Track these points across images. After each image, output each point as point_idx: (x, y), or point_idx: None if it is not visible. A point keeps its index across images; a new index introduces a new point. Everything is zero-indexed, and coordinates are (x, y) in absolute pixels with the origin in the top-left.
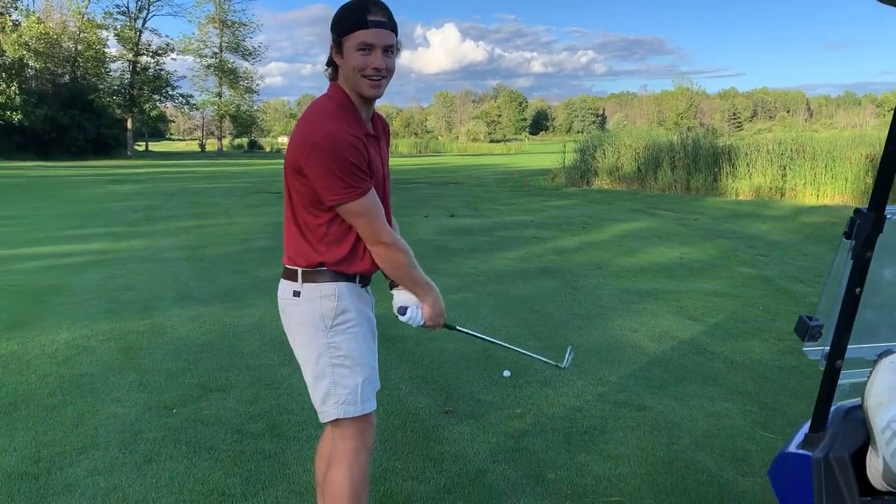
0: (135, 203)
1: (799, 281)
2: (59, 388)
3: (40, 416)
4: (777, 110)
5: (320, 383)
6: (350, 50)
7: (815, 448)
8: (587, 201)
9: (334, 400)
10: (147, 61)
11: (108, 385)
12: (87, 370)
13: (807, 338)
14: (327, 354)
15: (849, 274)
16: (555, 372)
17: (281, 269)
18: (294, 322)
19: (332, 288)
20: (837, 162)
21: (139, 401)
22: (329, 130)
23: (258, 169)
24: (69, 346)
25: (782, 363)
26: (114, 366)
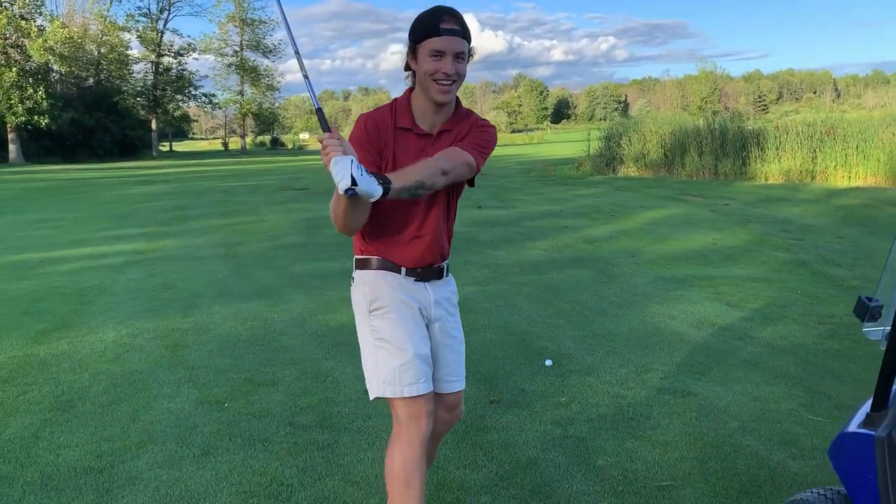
0: (164, 203)
1: (836, 264)
2: (111, 386)
3: (97, 412)
4: (803, 92)
5: (367, 363)
6: (423, 56)
7: (877, 427)
8: (614, 189)
9: (376, 380)
10: (169, 62)
11: (159, 381)
12: (137, 367)
13: (867, 318)
14: (372, 335)
15: None
16: (597, 360)
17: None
18: (352, 304)
19: (371, 275)
20: (869, 143)
21: (191, 396)
22: (362, 114)
23: (282, 166)
24: (117, 345)
25: (824, 347)
26: (162, 363)
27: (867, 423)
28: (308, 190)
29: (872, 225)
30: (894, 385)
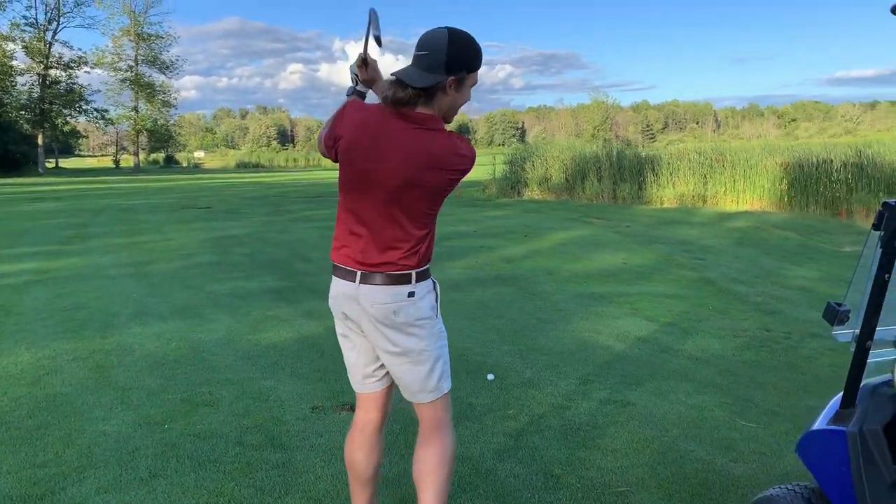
0: (61, 221)
1: (739, 282)
2: (36, 410)
3: (24, 438)
4: (687, 122)
5: (437, 365)
6: (467, 86)
7: (847, 423)
8: (522, 211)
9: (447, 375)
10: (58, 75)
11: (88, 404)
12: (61, 390)
13: (836, 322)
14: (441, 338)
15: (878, 262)
16: (536, 373)
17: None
18: (411, 319)
19: (432, 282)
20: (754, 170)
21: (126, 418)
22: None
23: (180, 185)
24: (35, 367)
25: (743, 358)
26: (88, 385)
27: (837, 419)
28: (210, 209)
29: (764, 246)
30: (862, 383)
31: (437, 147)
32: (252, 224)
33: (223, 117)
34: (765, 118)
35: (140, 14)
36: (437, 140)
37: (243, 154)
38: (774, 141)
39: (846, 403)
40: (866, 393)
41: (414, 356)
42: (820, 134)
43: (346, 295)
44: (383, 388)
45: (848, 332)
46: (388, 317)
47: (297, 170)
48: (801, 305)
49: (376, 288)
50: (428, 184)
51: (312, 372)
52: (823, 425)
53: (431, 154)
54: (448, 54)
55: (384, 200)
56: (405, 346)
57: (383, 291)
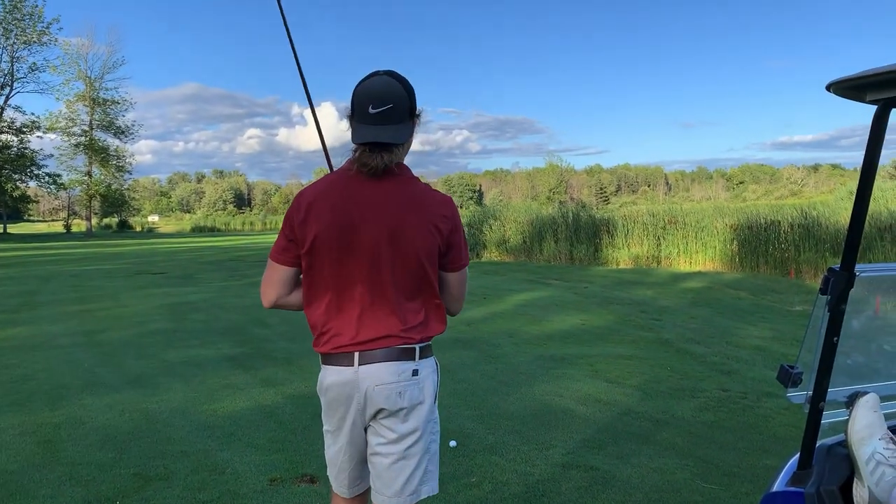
0: (7, 288)
1: (695, 342)
2: None
3: None
4: (639, 184)
5: (423, 460)
6: None
7: (805, 484)
8: (481, 273)
9: (430, 475)
10: (9, 139)
11: (35, 482)
12: (7, 467)
13: (790, 384)
14: (433, 429)
15: (826, 325)
16: (498, 438)
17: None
18: (414, 402)
19: (436, 360)
20: (705, 232)
21: (75, 496)
22: None
23: (134, 249)
24: None
25: (702, 419)
26: (35, 461)
27: (795, 481)
28: (165, 274)
29: (718, 306)
30: (818, 443)
31: (418, 191)
32: (208, 289)
33: (178, 181)
34: (713, 181)
35: (96, 80)
36: (416, 185)
37: (199, 218)
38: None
39: (803, 464)
40: (822, 453)
41: (404, 447)
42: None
43: (342, 383)
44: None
45: (801, 394)
46: (392, 399)
47: (254, 233)
48: (755, 365)
49: (378, 366)
50: (412, 230)
51: (270, 442)
52: (782, 487)
53: (412, 197)
54: (410, 99)
55: (372, 263)
56: (400, 433)
57: (385, 368)
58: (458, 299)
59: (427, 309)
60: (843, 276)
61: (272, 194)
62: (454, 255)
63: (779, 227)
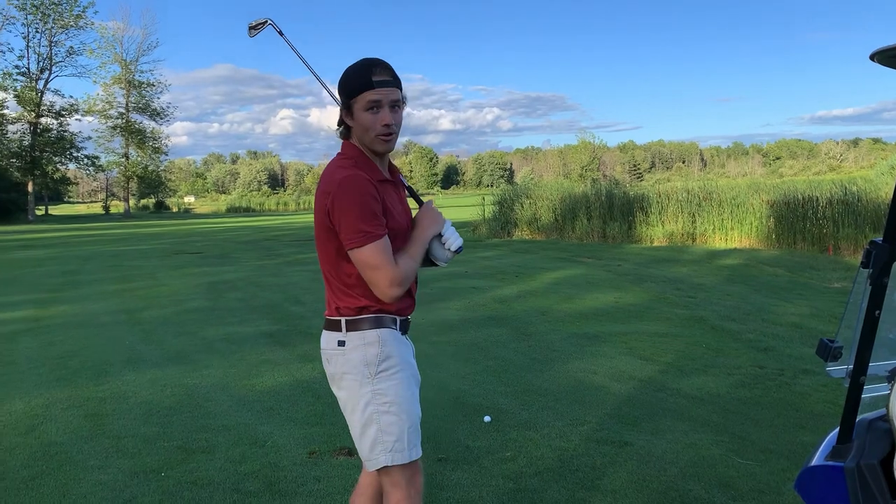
0: (51, 268)
1: (731, 319)
2: (31, 459)
3: (20, 488)
4: (673, 161)
5: (368, 430)
6: (360, 110)
7: (845, 459)
8: (512, 251)
9: (382, 447)
10: (49, 122)
11: (84, 453)
12: (56, 439)
13: (829, 358)
14: (374, 402)
15: (868, 298)
16: (532, 414)
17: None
18: (339, 371)
19: (375, 335)
20: (741, 208)
21: (122, 467)
22: (348, 174)
23: (171, 230)
24: (29, 416)
25: (738, 395)
26: (83, 433)
27: (834, 455)
28: (202, 254)
29: (754, 283)
30: (857, 418)
31: (323, 172)
32: (245, 268)
33: (213, 162)
34: (749, 156)
35: (131, 62)
36: (327, 165)
37: (234, 199)
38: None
39: (843, 439)
40: (862, 428)
41: (347, 413)
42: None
43: None
44: None
45: (841, 368)
46: (325, 364)
47: (288, 213)
48: (793, 342)
49: (322, 332)
50: (315, 214)
51: (308, 416)
52: (821, 461)
53: (319, 180)
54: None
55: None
56: (340, 400)
57: (323, 337)
58: (370, 283)
59: (339, 283)
60: (886, 249)
61: (305, 175)
62: (342, 234)
63: (817, 203)
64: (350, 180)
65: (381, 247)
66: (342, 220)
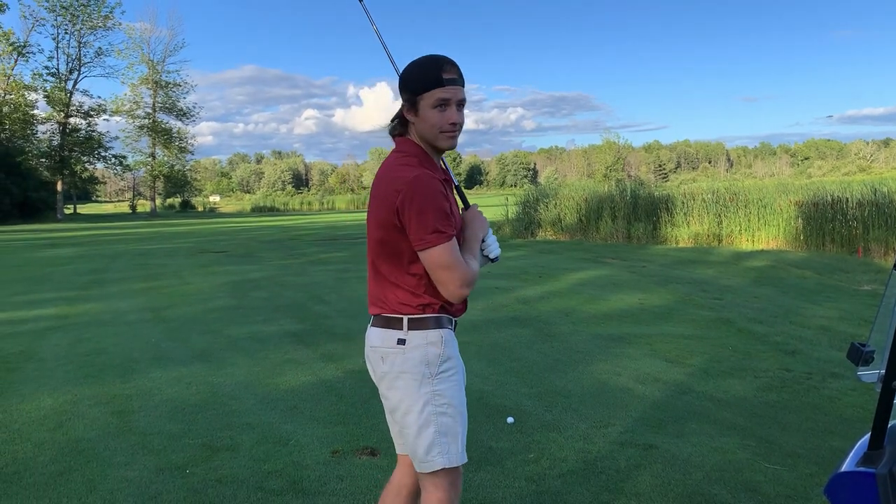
0: (78, 266)
1: (758, 322)
2: (59, 455)
3: (48, 483)
4: (699, 161)
5: (425, 432)
6: (426, 108)
7: (876, 465)
8: (536, 252)
9: (439, 449)
10: (78, 122)
11: (110, 449)
12: (83, 435)
13: (860, 362)
14: (433, 403)
15: None
16: (556, 416)
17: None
18: (396, 370)
19: (438, 335)
20: (767, 209)
21: (148, 463)
22: (418, 173)
23: (197, 229)
24: (57, 413)
25: (765, 399)
26: (110, 430)
27: (866, 461)
28: (227, 253)
29: (782, 285)
30: (889, 423)
31: (382, 168)
32: (269, 267)
33: (238, 162)
34: (777, 157)
35: (158, 63)
36: (385, 161)
37: (258, 198)
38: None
39: (874, 444)
40: (894, 434)
41: (399, 414)
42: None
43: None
44: None
45: (873, 373)
46: (377, 362)
47: (312, 213)
48: (821, 345)
49: (372, 329)
50: (374, 211)
51: (332, 416)
52: (852, 467)
53: (378, 176)
54: (400, 80)
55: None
56: (391, 400)
57: (375, 333)
58: (440, 283)
59: (401, 281)
60: None
61: (329, 174)
62: (413, 233)
63: (846, 204)
64: (422, 179)
65: (453, 247)
66: (416, 219)
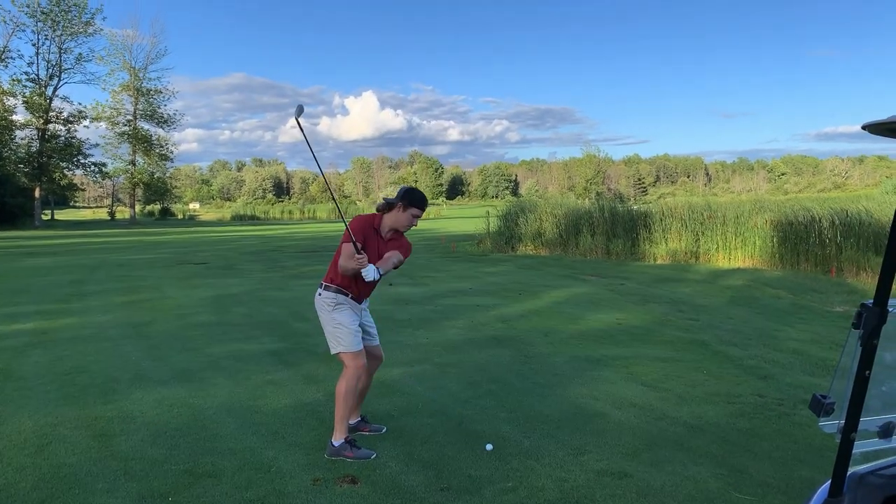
0: (58, 278)
1: (732, 344)
2: (41, 481)
3: None
4: (678, 175)
5: None
6: (408, 213)
7: None
8: (517, 267)
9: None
10: (57, 129)
11: (92, 475)
12: (65, 460)
13: (822, 413)
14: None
15: (858, 359)
16: (534, 442)
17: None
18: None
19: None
20: (743, 227)
21: (131, 490)
22: (359, 218)
23: (176, 238)
24: (38, 436)
25: (738, 426)
26: (91, 454)
27: None
28: (208, 264)
29: (757, 305)
30: (848, 472)
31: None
32: (249, 281)
33: (219, 169)
34: (755, 172)
35: (140, 70)
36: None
37: (238, 206)
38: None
39: (834, 493)
40: (853, 482)
41: None
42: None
43: None
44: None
45: (833, 423)
46: None
47: (293, 222)
48: (793, 369)
49: None
50: None
51: (313, 441)
52: None
53: None
54: (400, 193)
55: None
56: None
57: None
58: None
59: None
60: (876, 312)
61: (310, 183)
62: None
63: (819, 225)
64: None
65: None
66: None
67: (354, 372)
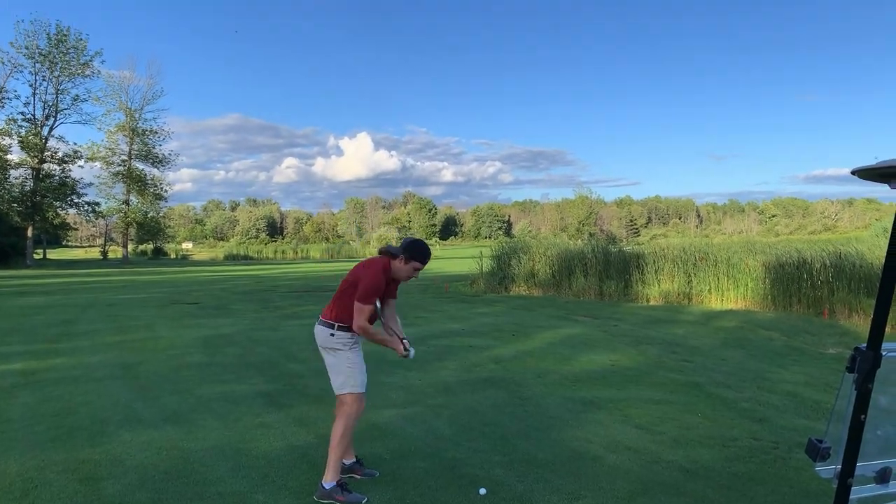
0: (49, 317)
1: (726, 386)
2: None
3: None
4: (670, 217)
5: None
6: (410, 265)
7: None
8: (510, 308)
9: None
10: (52, 168)
11: None
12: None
13: (818, 458)
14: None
15: (853, 403)
16: (527, 487)
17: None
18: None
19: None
20: (736, 269)
21: None
22: (376, 269)
23: (169, 278)
24: (24, 480)
25: (733, 470)
26: (77, 499)
27: None
28: (200, 304)
29: (750, 347)
30: None
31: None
32: (242, 321)
33: (213, 209)
34: (745, 214)
35: (136, 110)
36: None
37: (232, 246)
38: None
39: None
40: None
41: None
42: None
43: None
44: None
45: (830, 469)
46: None
47: (286, 262)
48: (787, 412)
49: None
50: (354, 271)
51: (303, 486)
52: None
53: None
54: (404, 245)
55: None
56: None
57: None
58: None
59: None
60: (870, 356)
61: (304, 223)
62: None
63: (811, 266)
64: (380, 269)
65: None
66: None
67: (355, 413)
